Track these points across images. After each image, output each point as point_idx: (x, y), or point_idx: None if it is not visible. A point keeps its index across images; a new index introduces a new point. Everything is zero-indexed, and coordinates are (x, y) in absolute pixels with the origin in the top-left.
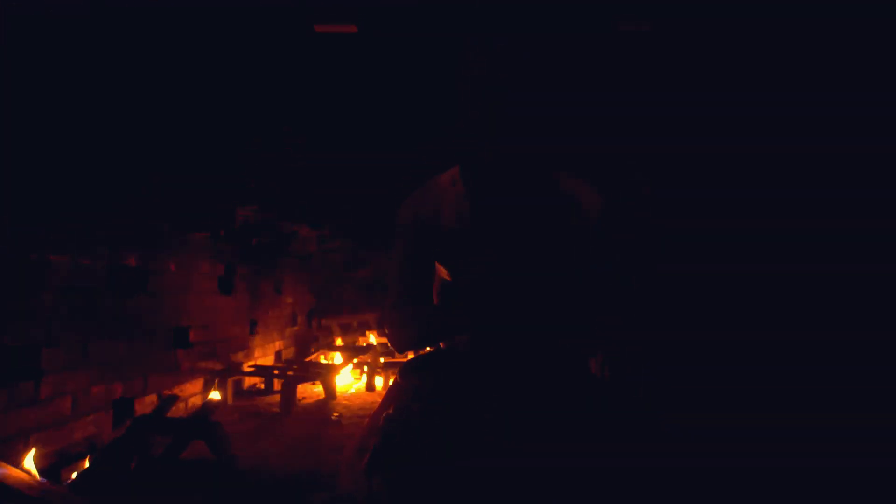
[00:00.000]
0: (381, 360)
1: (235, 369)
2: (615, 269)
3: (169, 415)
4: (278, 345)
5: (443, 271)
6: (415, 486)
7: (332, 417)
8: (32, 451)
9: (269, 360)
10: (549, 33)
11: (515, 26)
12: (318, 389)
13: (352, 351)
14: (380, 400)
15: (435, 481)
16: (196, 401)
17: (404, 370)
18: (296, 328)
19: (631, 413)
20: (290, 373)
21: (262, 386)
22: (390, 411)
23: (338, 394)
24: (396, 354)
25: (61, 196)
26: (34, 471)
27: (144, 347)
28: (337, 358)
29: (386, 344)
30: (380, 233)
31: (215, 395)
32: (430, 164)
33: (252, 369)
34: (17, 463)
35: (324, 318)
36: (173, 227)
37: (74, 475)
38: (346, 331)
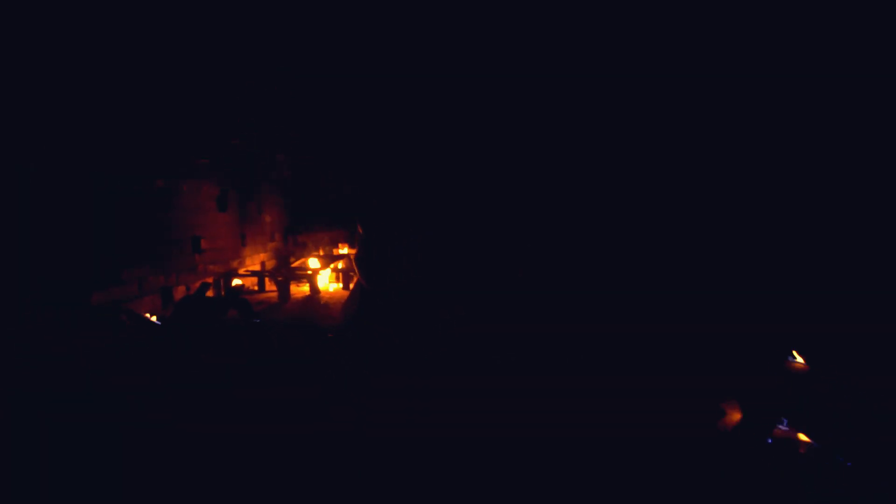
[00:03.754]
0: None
1: (234, 272)
2: None
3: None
4: (262, 256)
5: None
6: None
7: (321, 303)
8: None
9: (256, 268)
10: None
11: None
12: (304, 289)
13: (329, 258)
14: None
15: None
16: (209, 293)
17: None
18: (274, 244)
19: None
20: (280, 278)
21: (256, 287)
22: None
23: (321, 291)
24: None
25: (115, 133)
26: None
27: (175, 251)
28: (313, 263)
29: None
30: (344, 162)
31: (238, 282)
32: None
33: (248, 273)
34: None
35: (299, 234)
36: (185, 153)
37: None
38: (320, 244)
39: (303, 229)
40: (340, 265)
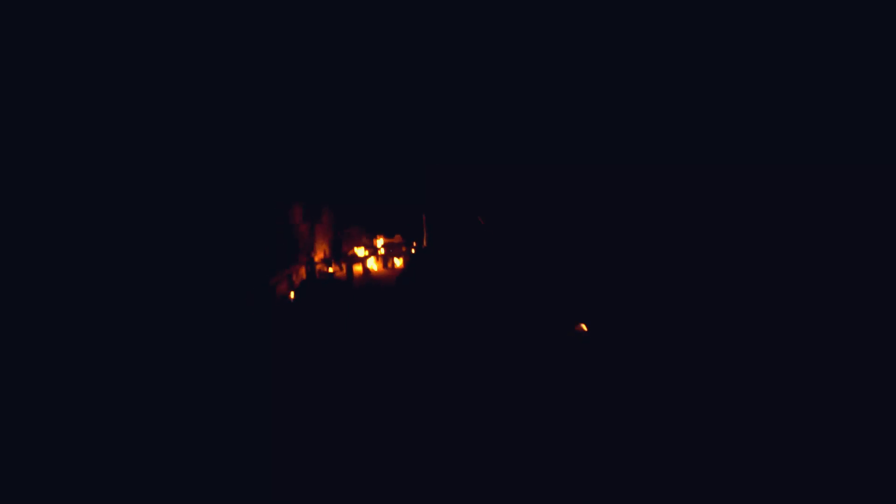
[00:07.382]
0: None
1: (313, 260)
2: None
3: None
4: (324, 245)
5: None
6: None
7: (374, 278)
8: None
9: (320, 255)
10: None
11: None
12: (357, 269)
13: (372, 248)
14: (393, 271)
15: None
16: (303, 274)
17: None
18: (330, 235)
19: None
20: (343, 263)
21: (326, 269)
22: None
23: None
24: (396, 248)
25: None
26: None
27: (288, 252)
28: (359, 251)
29: (392, 242)
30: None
31: (332, 270)
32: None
33: (321, 260)
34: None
35: (347, 228)
36: (289, 190)
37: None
38: (362, 235)
39: (350, 225)
40: (381, 252)
